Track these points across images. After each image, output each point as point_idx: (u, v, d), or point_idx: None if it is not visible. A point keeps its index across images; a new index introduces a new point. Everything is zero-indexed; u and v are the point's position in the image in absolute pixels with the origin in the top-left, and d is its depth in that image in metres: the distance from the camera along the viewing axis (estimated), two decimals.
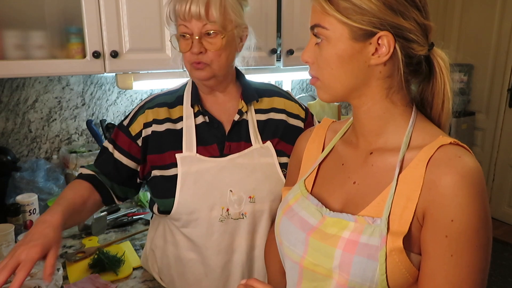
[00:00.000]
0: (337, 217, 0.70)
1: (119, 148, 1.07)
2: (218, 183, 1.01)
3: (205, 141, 1.05)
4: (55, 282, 1.04)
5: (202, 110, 1.06)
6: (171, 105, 1.08)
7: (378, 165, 0.72)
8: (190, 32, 0.96)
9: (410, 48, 0.66)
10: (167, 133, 1.05)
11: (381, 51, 0.66)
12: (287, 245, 0.76)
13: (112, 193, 1.09)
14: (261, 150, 1.05)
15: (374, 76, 0.69)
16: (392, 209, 0.66)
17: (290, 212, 0.78)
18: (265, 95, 1.11)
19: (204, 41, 0.96)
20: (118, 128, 1.09)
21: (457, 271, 0.61)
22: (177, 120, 1.06)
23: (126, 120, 1.09)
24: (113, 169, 1.07)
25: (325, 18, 0.67)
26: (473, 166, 0.63)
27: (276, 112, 1.10)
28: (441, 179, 0.62)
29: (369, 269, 0.64)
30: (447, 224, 0.61)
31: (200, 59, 0.98)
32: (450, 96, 0.71)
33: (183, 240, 1.05)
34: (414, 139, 0.70)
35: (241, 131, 1.06)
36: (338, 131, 0.84)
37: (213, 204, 1.00)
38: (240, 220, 1.01)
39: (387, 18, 0.64)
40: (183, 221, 1.03)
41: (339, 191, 0.76)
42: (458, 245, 0.61)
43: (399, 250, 0.63)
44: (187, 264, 1.05)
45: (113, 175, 1.08)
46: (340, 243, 0.67)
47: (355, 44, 0.66)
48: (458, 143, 0.66)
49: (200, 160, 1.02)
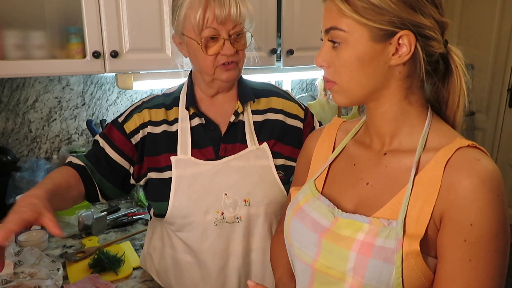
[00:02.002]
0: (351, 219, 0.69)
1: (111, 143, 1.04)
2: (212, 186, 1.00)
3: (200, 144, 1.04)
4: (55, 282, 1.04)
5: (198, 112, 1.05)
6: (168, 106, 1.07)
7: (392, 166, 0.71)
8: (219, 34, 0.96)
9: (430, 46, 0.66)
10: (163, 135, 1.04)
11: (401, 51, 0.65)
12: (298, 246, 0.75)
13: (99, 189, 1.03)
14: (257, 152, 1.03)
15: (394, 77, 0.68)
16: (408, 211, 0.64)
17: (301, 213, 0.76)
18: (262, 95, 1.10)
19: (234, 42, 0.97)
20: (112, 124, 1.06)
21: (476, 276, 0.60)
22: (173, 122, 1.05)
23: (121, 117, 1.06)
24: (102, 163, 1.03)
25: (342, 20, 0.65)
26: (493, 169, 0.62)
27: (274, 113, 1.09)
28: (460, 182, 0.61)
29: (385, 273, 0.63)
30: (466, 228, 0.60)
31: (233, 59, 0.98)
32: (466, 92, 0.70)
33: (180, 244, 1.04)
34: (430, 141, 0.69)
35: (237, 132, 1.05)
36: (350, 131, 0.83)
37: (207, 208, 0.99)
38: (235, 224, 1.00)
39: (408, 17, 0.63)
40: (177, 225, 1.02)
41: (351, 192, 0.75)
42: (477, 250, 0.60)
43: (415, 254, 0.62)
44: (184, 268, 1.05)
45: (101, 169, 1.03)
46: (355, 246, 0.65)
47: (376, 45, 0.64)
48: (476, 145, 0.65)
49: (195, 163, 1.01)
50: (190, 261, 1.04)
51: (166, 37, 1.53)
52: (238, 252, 1.02)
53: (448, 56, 0.69)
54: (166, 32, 1.52)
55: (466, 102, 0.71)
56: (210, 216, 0.99)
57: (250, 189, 1.00)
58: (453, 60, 0.69)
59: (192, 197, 0.99)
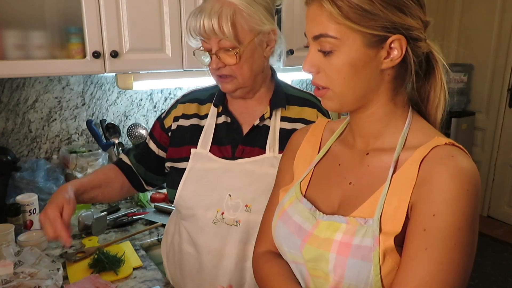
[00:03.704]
0: (330, 220, 0.70)
1: (153, 138, 1.16)
2: (219, 185, 1.01)
3: (221, 141, 1.05)
4: (55, 282, 1.04)
5: (225, 111, 1.07)
6: (202, 101, 1.11)
7: (374, 166, 0.72)
8: (209, 47, 0.96)
9: (418, 47, 0.66)
10: (191, 128, 1.08)
11: (393, 54, 0.65)
12: (287, 250, 0.76)
13: (143, 180, 1.20)
14: (273, 160, 1.01)
15: (384, 80, 0.68)
16: (384, 209, 0.65)
17: (285, 216, 0.77)
18: (295, 103, 1.07)
19: (222, 56, 0.96)
20: (157, 119, 1.18)
21: (429, 266, 0.60)
22: (204, 117, 1.09)
23: (164, 113, 1.17)
24: (146, 157, 1.17)
25: (332, 26, 0.64)
26: (466, 166, 0.62)
27: (305, 124, 1.03)
28: (432, 176, 0.62)
29: (364, 271, 0.63)
30: (428, 218, 0.61)
31: (221, 72, 0.98)
32: (446, 87, 0.71)
33: (185, 233, 1.08)
34: (410, 140, 0.69)
35: (259, 136, 1.04)
36: (335, 131, 0.83)
37: (209, 205, 1.01)
38: (233, 227, 1.00)
39: (399, 21, 0.63)
40: (182, 214, 1.06)
41: (335, 192, 0.75)
42: (435, 240, 0.60)
43: (390, 249, 0.63)
44: (185, 257, 1.08)
45: (145, 162, 1.18)
46: (333, 247, 0.66)
47: (369, 51, 0.64)
48: (453, 143, 0.66)
49: (210, 159, 1.04)
50: (190, 252, 1.07)
51: (166, 37, 1.53)
52: (232, 256, 1.01)
53: (429, 52, 0.69)
54: (166, 32, 1.53)
55: (447, 95, 0.71)
56: (210, 214, 1.01)
57: (254, 195, 0.99)
58: (433, 55, 0.69)
59: (198, 191, 1.02)
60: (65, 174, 1.70)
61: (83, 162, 1.69)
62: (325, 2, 0.63)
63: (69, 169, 1.70)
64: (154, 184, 1.24)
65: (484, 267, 2.91)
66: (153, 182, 1.22)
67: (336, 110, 0.71)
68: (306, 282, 0.74)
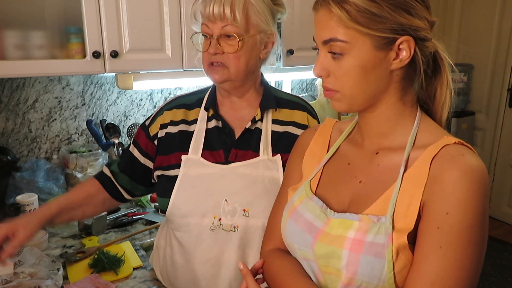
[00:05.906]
0: (342, 218, 0.71)
1: (138, 146, 1.11)
2: (215, 190, 0.99)
3: (213, 146, 1.03)
4: (55, 282, 1.04)
5: (216, 115, 1.05)
6: (189, 106, 1.09)
7: (383, 165, 0.73)
8: (211, 32, 0.96)
9: (425, 47, 0.67)
10: (179, 135, 1.05)
11: (402, 55, 0.66)
12: (297, 247, 0.76)
13: (125, 190, 1.13)
14: (268, 162, 1.00)
15: (393, 80, 0.69)
16: (396, 207, 0.66)
17: (295, 214, 0.78)
18: (286, 106, 1.07)
19: (222, 42, 0.96)
20: (141, 127, 1.13)
21: (443, 263, 0.61)
22: (192, 122, 1.06)
23: (148, 120, 1.12)
24: (129, 165, 1.12)
25: (342, 30, 0.65)
26: (476, 164, 0.63)
27: (297, 127, 1.05)
28: (443, 174, 0.63)
29: (377, 267, 0.64)
30: (441, 216, 0.62)
31: (216, 59, 0.97)
32: (451, 85, 0.72)
33: (176, 245, 1.04)
34: (419, 139, 0.70)
35: (252, 139, 1.03)
36: (343, 131, 0.84)
37: (206, 211, 0.98)
38: (231, 233, 0.98)
39: (406, 22, 0.64)
40: (175, 224, 1.02)
41: (345, 190, 0.76)
42: (448, 238, 0.61)
43: (403, 246, 0.64)
44: (178, 270, 1.04)
45: (130, 172, 1.12)
46: (346, 244, 0.67)
47: (378, 53, 0.66)
48: (462, 143, 0.67)
49: (203, 164, 1.01)
50: (182, 264, 1.03)
51: (166, 37, 1.53)
52: (231, 263, 0.99)
53: (435, 51, 0.71)
54: (166, 32, 1.53)
55: (452, 92, 0.72)
56: (207, 220, 0.98)
57: (251, 199, 0.98)
58: (439, 54, 0.71)
59: (192, 198, 0.99)
60: (65, 174, 1.70)
61: (83, 162, 1.69)
62: (334, 7, 0.65)
63: (69, 169, 1.70)
64: (136, 195, 1.17)
65: (484, 267, 2.89)
66: (136, 192, 1.16)
67: (345, 111, 0.73)
68: (317, 279, 0.74)
